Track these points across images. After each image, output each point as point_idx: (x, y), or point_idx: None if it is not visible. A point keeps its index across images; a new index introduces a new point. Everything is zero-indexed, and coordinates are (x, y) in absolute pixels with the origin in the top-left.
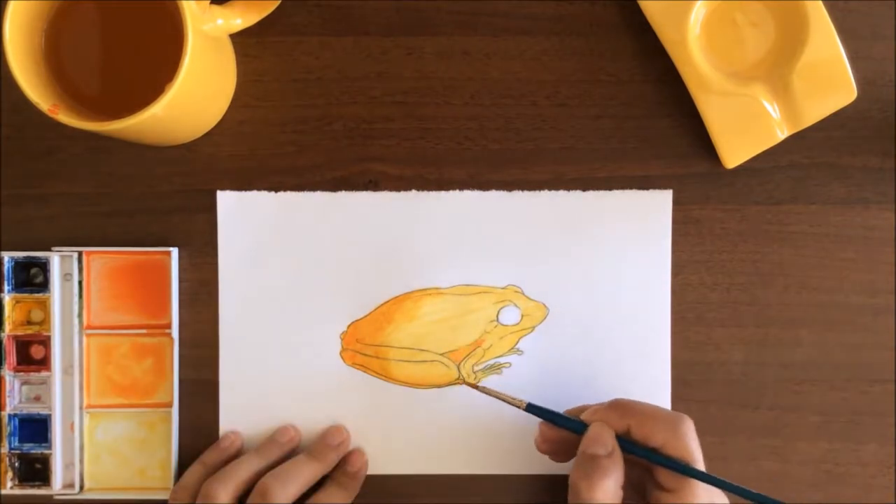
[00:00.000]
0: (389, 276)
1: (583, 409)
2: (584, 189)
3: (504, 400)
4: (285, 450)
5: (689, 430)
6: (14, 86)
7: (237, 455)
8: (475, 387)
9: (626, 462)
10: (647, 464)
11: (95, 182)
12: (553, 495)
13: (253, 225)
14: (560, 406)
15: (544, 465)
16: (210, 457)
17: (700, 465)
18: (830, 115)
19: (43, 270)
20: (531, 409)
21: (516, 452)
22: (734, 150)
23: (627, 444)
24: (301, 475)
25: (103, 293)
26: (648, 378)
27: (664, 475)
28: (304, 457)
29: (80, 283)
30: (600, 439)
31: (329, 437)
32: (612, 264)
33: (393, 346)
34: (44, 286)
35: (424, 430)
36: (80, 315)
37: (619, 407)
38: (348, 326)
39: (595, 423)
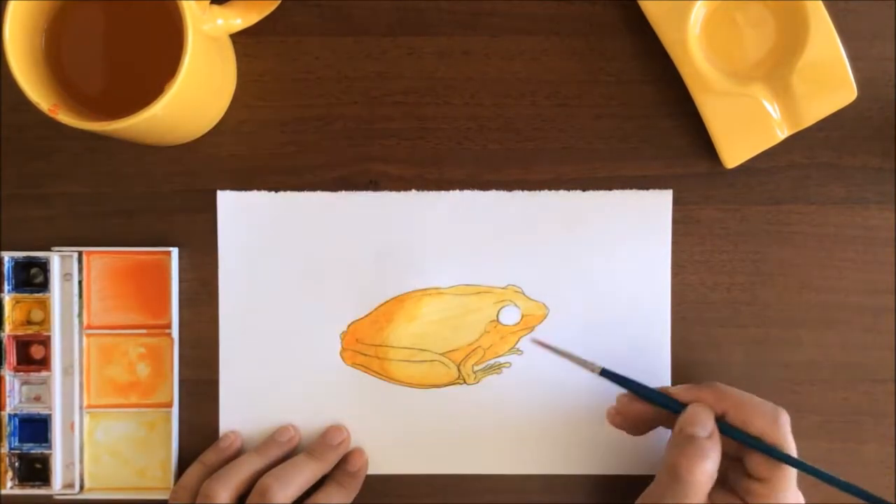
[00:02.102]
0: (389, 276)
1: (664, 389)
2: (584, 189)
3: (576, 362)
4: (285, 449)
5: (787, 422)
6: (14, 86)
7: (237, 455)
8: (544, 345)
9: None
10: (735, 453)
11: (95, 182)
12: (553, 495)
13: (253, 225)
14: (560, 406)
15: (544, 466)
16: (209, 457)
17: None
18: (830, 115)
19: (43, 270)
20: (606, 374)
21: (516, 452)
22: (734, 150)
23: (725, 427)
24: (301, 475)
25: (103, 293)
26: (648, 378)
27: (757, 464)
28: (303, 456)
29: (80, 283)
30: (700, 420)
31: (329, 437)
32: (612, 264)
33: (393, 346)
34: (44, 286)
35: (424, 430)
36: (80, 315)
37: (717, 390)
38: (348, 326)
39: (695, 404)
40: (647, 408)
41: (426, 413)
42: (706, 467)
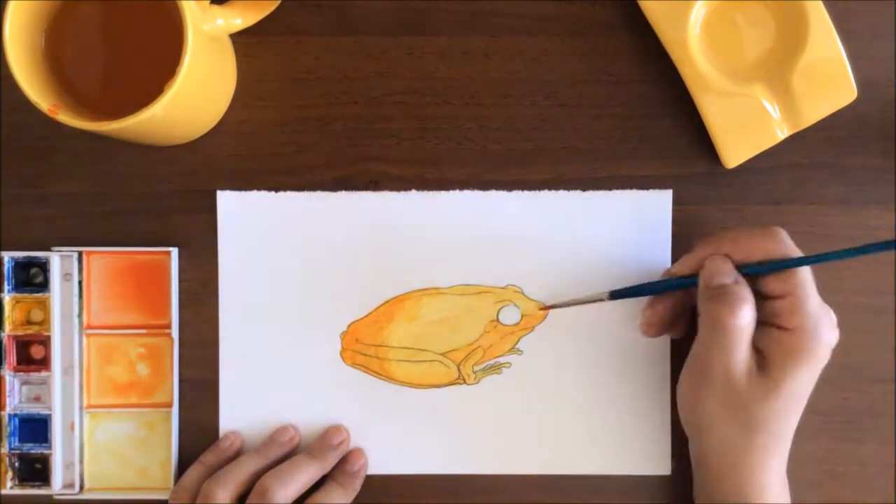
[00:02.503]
0: (389, 276)
1: (668, 273)
2: (584, 189)
3: (584, 301)
4: (285, 449)
5: (786, 234)
6: (14, 86)
7: (237, 455)
8: (548, 307)
9: None
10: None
11: (95, 182)
12: (553, 495)
13: (253, 225)
14: (560, 406)
15: (544, 466)
16: (210, 457)
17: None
18: (830, 115)
19: (43, 270)
20: (616, 295)
21: (516, 452)
22: (734, 150)
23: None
24: (301, 475)
25: (103, 293)
26: (648, 378)
27: (772, 286)
28: (303, 456)
29: (80, 283)
30: (721, 269)
31: (329, 437)
32: (612, 264)
33: (393, 346)
34: (44, 286)
35: (424, 430)
36: (80, 315)
37: (709, 242)
38: (348, 326)
39: (709, 258)
40: (670, 302)
41: (426, 413)
42: (746, 310)
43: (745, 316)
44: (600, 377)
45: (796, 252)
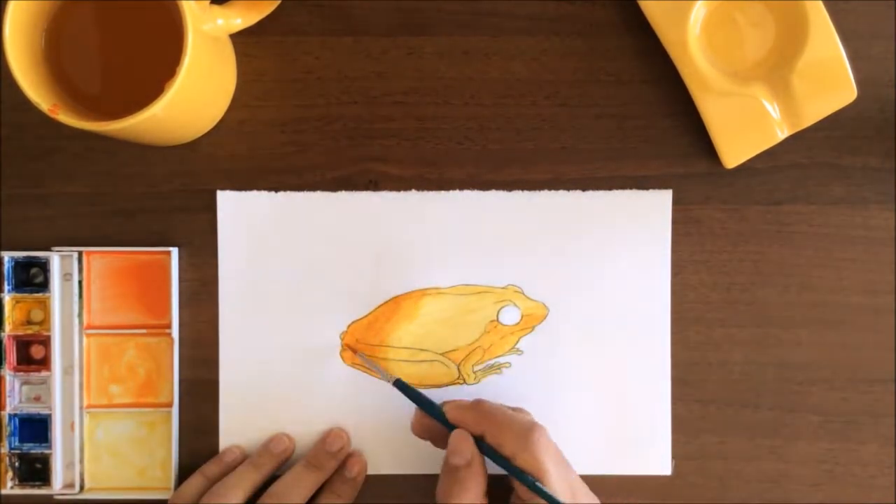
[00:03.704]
0: (389, 276)
1: (446, 403)
2: (584, 189)
3: (377, 370)
4: (280, 460)
5: (540, 440)
6: (14, 86)
7: None
8: (355, 351)
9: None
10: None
11: (95, 182)
12: None
13: (253, 225)
14: (560, 406)
15: None
16: (211, 469)
17: (551, 479)
18: (830, 115)
19: (43, 270)
20: (399, 385)
21: None
22: (734, 150)
23: (486, 449)
24: (300, 488)
25: (103, 293)
26: (648, 378)
27: (519, 486)
28: (303, 467)
29: (80, 283)
30: (458, 448)
31: (329, 444)
32: (612, 264)
33: (393, 346)
34: (44, 286)
35: None
36: (80, 315)
37: (478, 410)
38: (348, 326)
39: (456, 430)
40: (434, 423)
41: None
42: (466, 497)
43: (468, 500)
44: (600, 377)
45: (543, 464)
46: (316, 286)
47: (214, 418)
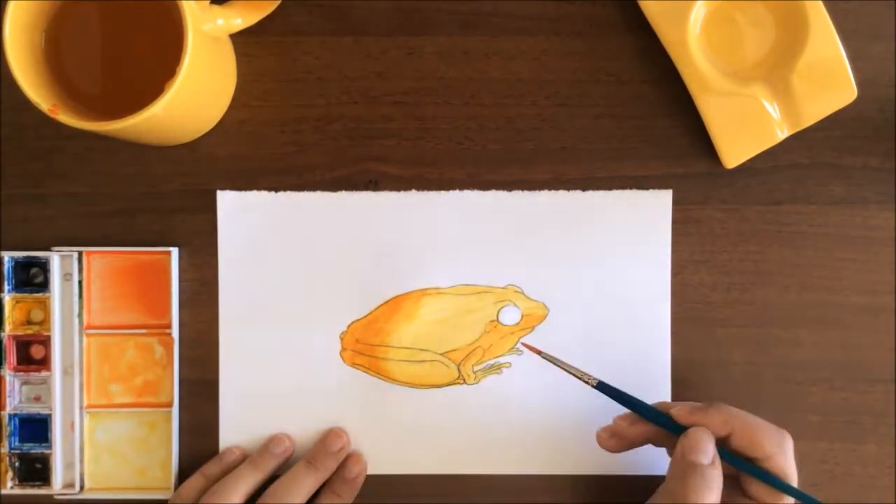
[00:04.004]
0: (389, 276)
1: (663, 405)
2: (584, 189)
3: (572, 373)
4: (280, 460)
5: (791, 447)
6: (14, 86)
7: None
8: (541, 353)
9: None
10: (732, 473)
11: (95, 182)
12: (553, 495)
13: (253, 225)
14: (560, 406)
15: (544, 466)
16: (211, 469)
17: (797, 484)
18: (830, 115)
19: (43, 270)
20: (603, 388)
21: (516, 452)
22: (734, 150)
23: (726, 453)
24: (300, 488)
25: (103, 293)
26: (648, 378)
27: (758, 489)
28: (302, 467)
29: (80, 283)
30: (702, 446)
31: (329, 444)
32: (612, 264)
33: (393, 346)
34: (44, 286)
35: (424, 430)
36: (80, 315)
37: (724, 412)
38: (348, 326)
39: (697, 428)
40: (646, 429)
41: (426, 413)
42: (710, 497)
43: (710, 499)
44: (600, 377)
45: (792, 470)
46: (316, 286)
47: (214, 418)
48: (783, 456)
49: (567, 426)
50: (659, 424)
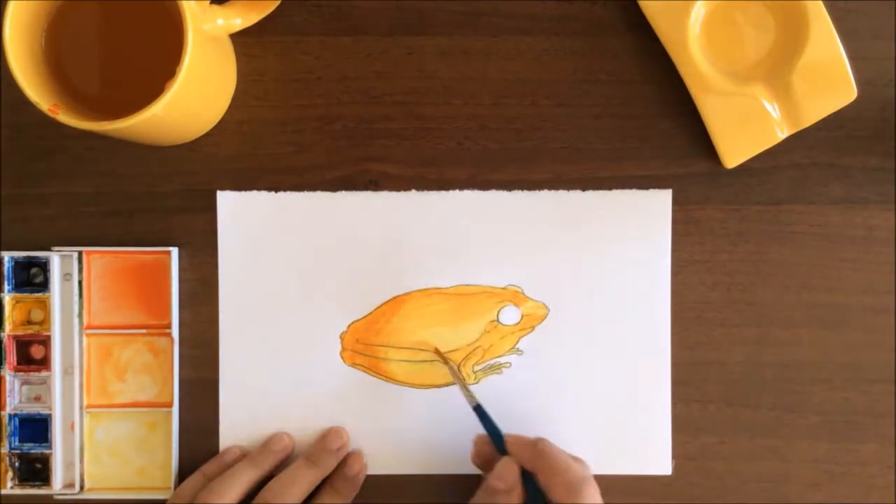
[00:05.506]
0: (389, 276)
1: (509, 436)
2: (584, 189)
3: (461, 389)
4: (279, 458)
5: (589, 497)
6: (14, 86)
7: None
8: (443, 359)
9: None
10: None
11: (95, 182)
12: None
13: (253, 225)
14: (560, 406)
15: None
16: (211, 468)
17: None
18: (830, 115)
19: (43, 270)
20: (478, 411)
21: None
22: (734, 150)
23: (531, 489)
24: (299, 485)
25: (103, 293)
26: (648, 378)
27: None
28: (301, 464)
29: (80, 282)
30: (503, 475)
31: (328, 441)
32: (612, 264)
33: (393, 346)
34: (44, 286)
35: (425, 430)
36: (80, 315)
37: (536, 448)
38: (348, 326)
39: (506, 458)
40: (495, 453)
41: (426, 413)
42: None
43: None
44: (600, 377)
45: None
46: (316, 286)
47: (214, 418)
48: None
49: (566, 426)
50: (498, 451)
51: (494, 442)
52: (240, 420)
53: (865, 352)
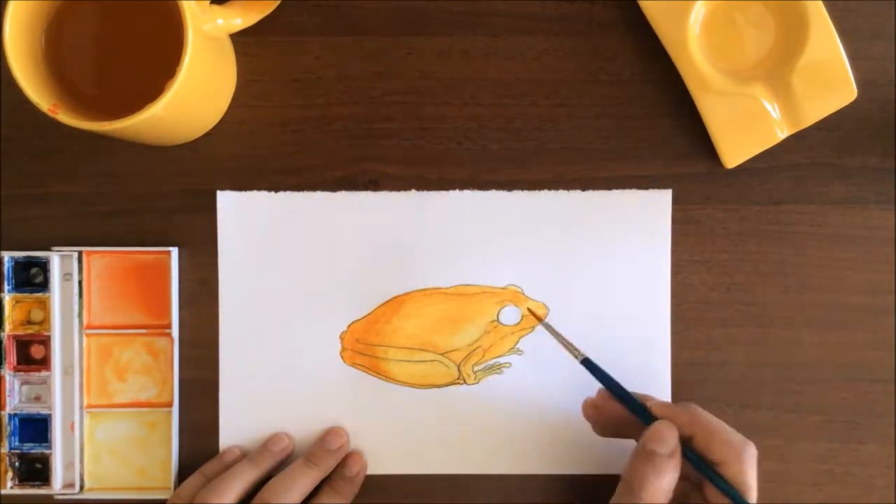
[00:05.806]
0: (389, 276)
1: (643, 397)
2: (584, 189)
3: (564, 345)
4: (279, 458)
5: (751, 457)
6: (14, 86)
7: None
8: (541, 321)
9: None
10: (698, 478)
11: (95, 182)
12: (553, 495)
13: (253, 225)
14: (560, 406)
15: (544, 466)
16: (211, 468)
17: (753, 496)
18: (830, 115)
19: (43, 270)
20: (587, 364)
21: (516, 452)
22: (734, 150)
23: (688, 451)
24: (299, 485)
25: (103, 293)
26: (648, 378)
27: (712, 492)
28: (301, 464)
29: (80, 282)
30: (663, 437)
31: (328, 442)
32: (612, 264)
33: (393, 346)
34: (44, 286)
35: (424, 430)
36: (80, 315)
37: (690, 412)
38: (348, 326)
39: (663, 420)
40: (621, 409)
41: (426, 413)
42: (660, 485)
43: (657, 491)
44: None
45: (749, 481)
46: (316, 286)
47: (214, 418)
48: (740, 464)
49: (567, 426)
50: (631, 410)
51: (623, 400)
52: (240, 420)
53: (865, 352)
